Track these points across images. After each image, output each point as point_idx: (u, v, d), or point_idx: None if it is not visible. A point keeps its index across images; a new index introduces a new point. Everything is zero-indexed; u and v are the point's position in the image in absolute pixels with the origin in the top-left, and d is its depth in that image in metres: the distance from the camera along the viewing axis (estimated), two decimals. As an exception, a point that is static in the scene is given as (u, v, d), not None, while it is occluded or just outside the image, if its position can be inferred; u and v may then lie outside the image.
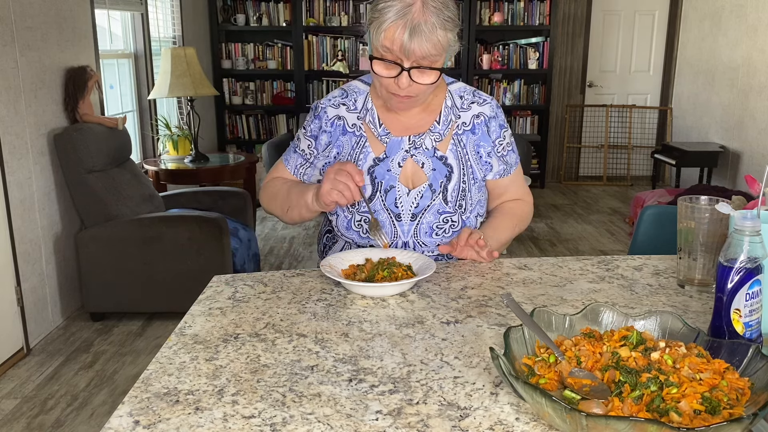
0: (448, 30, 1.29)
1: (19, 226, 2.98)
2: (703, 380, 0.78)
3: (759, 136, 5.12)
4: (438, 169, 1.43)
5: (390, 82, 1.32)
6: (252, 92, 6.36)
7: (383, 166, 1.43)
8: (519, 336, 0.89)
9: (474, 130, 1.47)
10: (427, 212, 1.43)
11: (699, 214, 1.18)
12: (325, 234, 1.60)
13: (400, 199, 1.43)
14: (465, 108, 1.48)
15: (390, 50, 1.28)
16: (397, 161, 1.43)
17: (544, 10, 6.22)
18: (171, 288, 3.22)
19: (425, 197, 1.43)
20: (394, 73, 1.30)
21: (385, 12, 1.26)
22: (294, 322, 1.10)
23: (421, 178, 1.43)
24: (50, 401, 2.60)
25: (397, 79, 1.30)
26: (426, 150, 1.44)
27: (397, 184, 1.43)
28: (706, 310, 1.14)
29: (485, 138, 1.48)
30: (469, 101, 1.49)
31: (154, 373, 0.93)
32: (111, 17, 4.21)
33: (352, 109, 1.47)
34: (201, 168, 4.33)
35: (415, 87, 1.32)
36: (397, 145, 1.44)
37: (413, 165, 1.44)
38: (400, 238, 1.44)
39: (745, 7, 5.31)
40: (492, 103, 1.50)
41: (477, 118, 1.47)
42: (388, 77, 1.32)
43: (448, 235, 1.45)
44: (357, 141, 1.45)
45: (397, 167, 1.43)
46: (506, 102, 6.45)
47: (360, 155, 1.44)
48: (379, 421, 0.80)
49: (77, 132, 3.18)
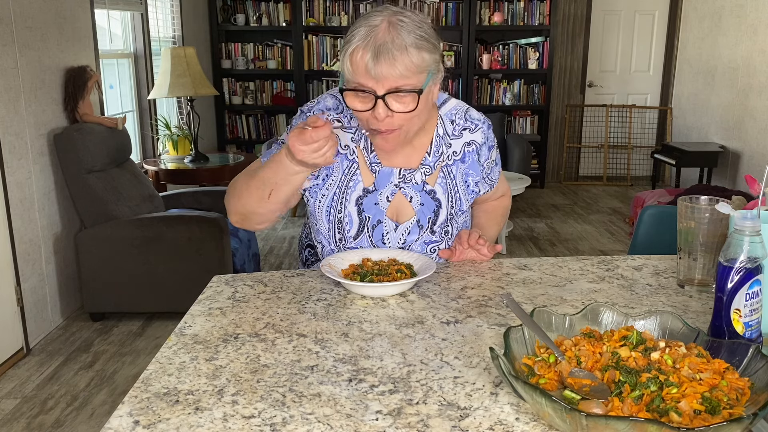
0: (423, 50, 1.17)
1: (19, 226, 2.98)
2: (703, 380, 0.78)
3: (759, 136, 5.12)
4: (426, 204, 1.38)
5: (369, 117, 1.20)
6: (252, 92, 6.36)
7: (371, 198, 1.37)
8: (519, 336, 0.89)
9: (464, 158, 1.41)
10: (415, 244, 1.41)
11: (699, 214, 1.18)
12: (306, 248, 1.56)
13: (388, 234, 1.38)
14: (456, 135, 1.40)
15: (358, 77, 1.17)
16: (386, 195, 1.37)
17: (544, 10, 6.22)
18: (171, 288, 3.22)
19: (413, 233, 1.39)
20: (369, 105, 1.19)
21: (352, 37, 1.17)
22: (294, 322, 1.10)
23: (408, 213, 1.38)
24: (50, 401, 2.60)
25: (374, 110, 1.18)
26: (415, 184, 1.37)
27: (384, 219, 1.38)
28: (706, 310, 1.14)
29: (474, 166, 1.42)
30: (461, 127, 1.40)
31: (154, 373, 0.93)
32: (111, 17, 4.21)
33: (347, 128, 1.36)
34: (201, 168, 4.33)
35: (396, 118, 1.20)
36: (386, 177, 1.36)
37: (401, 198, 1.38)
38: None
39: (745, 7, 5.31)
40: (484, 127, 1.43)
41: (468, 146, 1.40)
42: (364, 110, 1.20)
43: (434, 255, 1.44)
44: (348, 167, 1.36)
45: (386, 201, 1.37)
46: (506, 102, 6.45)
47: (350, 182, 1.36)
48: (379, 421, 0.80)
49: (77, 132, 3.17)
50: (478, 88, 6.44)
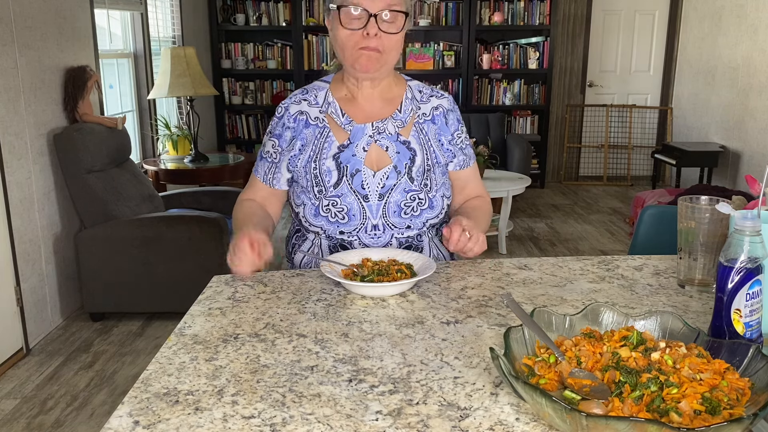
0: None
1: (19, 226, 2.98)
2: (704, 380, 0.78)
3: (759, 135, 5.12)
4: (402, 153, 1.47)
5: (358, 36, 1.36)
6: (252, 92, 6.36)
7: (348, 151, 1.45)
8: (519, 336, 0.89)
9: (434, 120, 1.52)
10: (394, 191, 1.45)
11: (699, 214, 1.18)
12: (295, 234, 1.59)
13: (367, 181, 1.44)
14: (424, 101, 1.53)
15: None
16: (362, 146, 1.45)
17: (544, 9, 6.22)
18: (171, 288, 3.22)
19: (391, 178, 1.45)
20: (361, 24, 1.35)
21: None
22: (294, 323, 1.10)
23: (386, 161, 1.46)
24: (50, 401, 2.60)
25: (366, 28, 1.35)
26: (389, 135, 1.47)
27: (362, 168, 1.45)
28: (706, 310, 1.14)
29: (444, 129, 1.53)
30: (428, 95, 1.55)
31: (153, 373, 0.93)
32: (110, 17, 4.21)
33: (314, 104, 1.51)
34: (201, 168, 4.33)
35: (384, 39, 1.37)
36: (360, 131, 1.46)
37: (377, 149, 1.46)
38: (370, 220, 1.44)
39: (745, 7, 5.31)
40: (449, 98, 1.57)
41: (436, 110, 1.53)
42: (356, 29, 1.36)
43: (417, 214, 1.46)
44: (320, 132, 1.47)
45: (362, 151, 1.45)
46: (506, 102, 6.45)
47: (324, 144, 1.46)
48: (379, 422, 0.80)
49: (77, 132, 3.17)
50: (478, 88, 6.44)
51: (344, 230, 1.45)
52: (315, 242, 1.49)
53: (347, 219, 1.44)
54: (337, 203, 1.44)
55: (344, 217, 1.44)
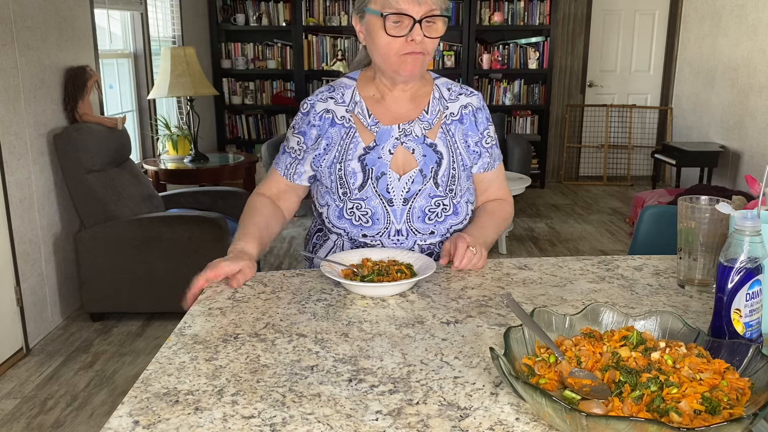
0: None
1: (19, 226, 2.98)
2: (704, 380, 0.78)
3: (759, 135, 5.12)
4: (428, 156, 1.45)
5: (400, 43, 1.35)
6: (252, 92, 6.36)
7: (374, 153, 1.44)
8: (519, 336, 0.89)
9: (462, 120, 1.50)
10: (419, 196, 1.44)
11: (699, 214, 1.18)
12: (315, 233, 1.59)
13: (392, 184, 1.43)
14: (453, 99, 1.51)
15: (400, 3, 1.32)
16: (388, 148, 1.44)
17: (544, 9, 6.22)
18: (171, 288, 3.21)
19: (416, 182, 1.44)
20: (405, 30, 1.34)
21: None
22: (294, 322, 1.10)
23: (412, 164, 1.44)
24: (50, 401, 2.60)
25: (410, 34, 1.34)
26: (416, 137, 1.45)
27: (388, 171, 1.43)
28: (706, 310, 1.14)
29: (473, 128, 1.51)
30: (457, 92, 1.53)
31: (153, 373, 0.93)
32: (110, 17, 4.21)
33: (340, 103, 1.48)
34: (201, 168, 4.33)
35: (427, 42, 1.36)
36: (387, 133, 1.44)
37: (404, 152, 1.45)
38: (393, 225, 1.44)
39: (745, 7, 5.31)
40: (479, 95, 1.55)
41: (465, 109, 1.51)
42: (400, 35, 1.34)
43: (441, 219, 1.46)
44: (346, 132, 1.45)
45: (388, 154, 1.44)
46: (506, 102, 6.45)
47: (350, 145, 1.44)
48: (379, 422, 0.80)
49: (77, 132, 3.17)
50: (479, 88, 6.44)
51: (367, 233, 1.44)
52: (337, 243, 1.49)
53: (371, 223, 1.43)
54: (361, 206, 1.43)
55: (368, 221, 1.43)
